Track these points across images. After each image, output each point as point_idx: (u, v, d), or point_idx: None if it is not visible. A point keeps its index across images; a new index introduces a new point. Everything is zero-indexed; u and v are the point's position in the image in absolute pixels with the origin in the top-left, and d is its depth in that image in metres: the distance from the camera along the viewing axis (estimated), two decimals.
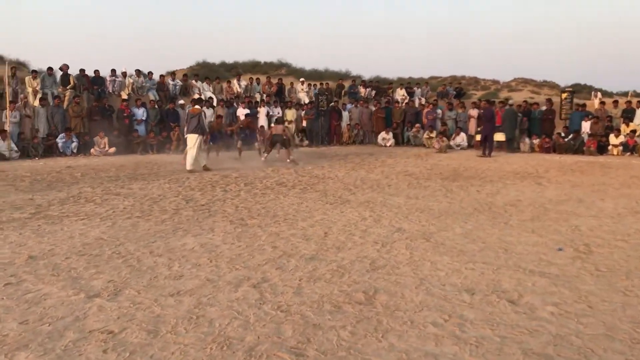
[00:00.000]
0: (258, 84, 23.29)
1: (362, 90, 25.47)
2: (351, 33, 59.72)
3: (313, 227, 6.78)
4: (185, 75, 22.62)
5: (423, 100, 24.73)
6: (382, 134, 21.87)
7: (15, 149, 15.79)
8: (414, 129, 21.91)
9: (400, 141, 22.30)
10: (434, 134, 20.66)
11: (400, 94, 25.01)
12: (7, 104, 15.91)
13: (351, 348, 3.30)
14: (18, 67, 21.36)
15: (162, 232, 6.48)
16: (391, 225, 6.88)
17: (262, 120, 20.41)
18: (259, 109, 20.97)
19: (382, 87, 26.78)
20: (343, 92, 25.10)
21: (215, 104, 20.27)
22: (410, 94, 25.26)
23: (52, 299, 4.17)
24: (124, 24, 50.65)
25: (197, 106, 13.28)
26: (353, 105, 23.16)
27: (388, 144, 21.56)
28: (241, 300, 4.15)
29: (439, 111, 22.40)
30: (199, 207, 8.12)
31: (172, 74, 21.67)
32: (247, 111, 20.35)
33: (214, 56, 42.49)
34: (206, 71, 28.71)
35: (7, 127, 15.82)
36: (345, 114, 22.61)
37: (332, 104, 22.50)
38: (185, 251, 5.61)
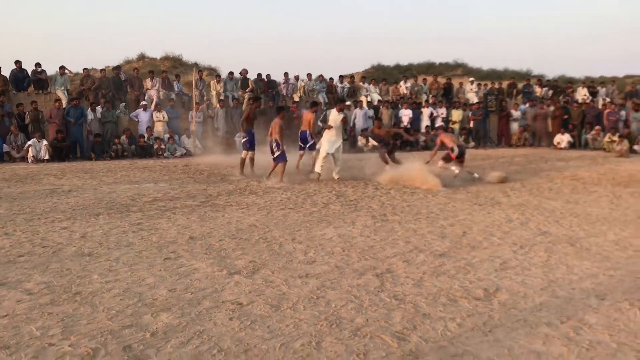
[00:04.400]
0: (425, 84, 23.22)
1: (537, 89, 24.12)
2: (533, 31, 56.54)
3: (453, 226, 6.75)
4: (351, 77, 23.33)
5: (607, 100, 22.71)
6: (558, 136, 20.52)
7: (199, 145, 17.63)
8: (593, 131, 20.22)
9: (577, 144, 20.73)
10: (616, 137, 18.89)
11: (581, 93, 23.24)
12: (194, 105, 17.84)
13: (454, 339, 3.34)
14: (210, 72, 23.83)
15: (307, 223, 6.93)
16: (537, 229, 6.59)
17: (425, 122, 20.36)
18: (422, 109, 20.93)
19: (560, 86, 25.09)
20: (515, 91, 23.98)
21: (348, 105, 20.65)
22: (594, 93, 23.34)
23: (199, 273, 4.76)
24: (301, 29, 53.51)
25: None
26: (527, 106, 22.02)
27: (563, 147, 20.18)
28: (361, 286, 4.36)
29: (623, 112, 20.41)
30: (347, 202, 8.47)
31: (341, 77, 22.46)
32: (410, 112, 20.44)
33: (388, 59, 42.96)
34: (380, 74, 29.14)
35: (193, 127, 17.74)
36: (516, 115, 21.60)
37: (502, 103, 21.63)
38: (324, 240, 5.96)
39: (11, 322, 3.65)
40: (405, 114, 20.33)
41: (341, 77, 22.39)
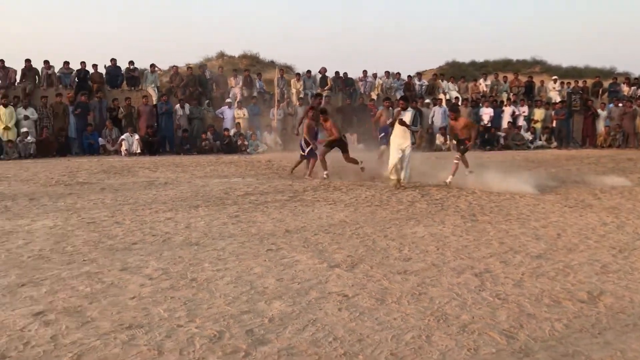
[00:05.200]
0: (505, 82, 22.71)
1: (625, 88, 23.09)
2: (617, 27, 53.76)
3: (545, 227, 6.69)
4: (435, 75, 23.14)
5: None
6: None
7: (280, 142, 18.07)
8: None
9: None
10: None
11: None
12: (275, 103, 18.29)
13: (563, 339, 3.40)
14: (286, 70, 24.31)
15: (396, 220, 7.06)
16: (635, 233, 6.43)
17: (506, 120, 19.97)
18: (504, 108, 20.51)
19: None
20: (601, 90, 23.04)
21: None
22: None
23: (302, 265, 5.00)
24: (375, 26, 53.32)
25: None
26: (613, 105, 21.13)
27: None
28: (462, 285, 4.46)
29: None
30: (433, 201, 8.53)
31: (419, 74, 22.36)
32: (491, 111, 20.09)
33: (463, 55, 42.10)
34: (455, 71, 28.65)
35: (274, 124, 18.21)
36: (602, 114, 20.77)
37: (587, 103, 20.86)
38: (416, 238, 6.08)
39: (139, 303, 4.00)
40: (486, 113, 19.99)
41: (419, 75, 22.28)
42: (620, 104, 20.82)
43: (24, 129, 15.48)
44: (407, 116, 9.85)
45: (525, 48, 57.94)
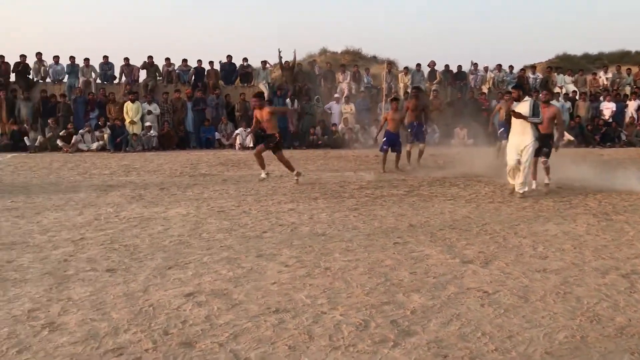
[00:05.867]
0: (629, 74, 21.21)
1: None
2: None
3: None
4: (549, 67, 22.07)
5: None
6: None
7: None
8: None
9: None
10: None
11: None
12: (383, 98, 18.24)
13: None
14: (389, 64, 24.16)
15: (523, 218, 6.80)
16: None
17: (629, 115, 18.67)
18: (627, 102, 19.18)
19: None
20: None
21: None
22: None
23: (432, 259, 4.94)
24: (482, 19, 51.55)
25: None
26: None
27: None
28: (609, 285, 4.22)
29: None
30: (559, 199, 8.12)
31: (533, 67, 21.42)
32: (613, 105, 18.86)
33: (575, 48, 39.72)
34: (567, 64, 27.12)
35: (381, 118, 18.17)
36: None
37: None
38: (548, 236, 5.82)
39: (281, 289, 4.12)
40: (607, 107, 18.82)
41: (533, 68, 21.34)
42: None
43: (148, 123, 16.48)
44: (524, 107, 7.99)
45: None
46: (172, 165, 12.46)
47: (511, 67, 20.81)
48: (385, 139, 11.31)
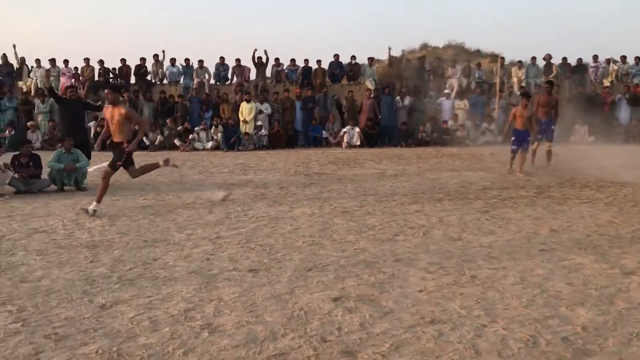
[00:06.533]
0: None
1: None
2: None
3: None
4: None
5: None
6: None
7: (498, 134, 17.25)
8: None
9: None
10: None
11: None
12: (497, 92, 17.52)
13: None
14: (492, 59, 23.17)
15: None
16: None
17: None
18: None
19: None
20: None
21: None
22: None
23: (587, 269, 4.55)
24: (595, 6, 48.17)
25: None
26: None
27: None
28: None
29: None
30: None
31: None
32: None
33: None
34: None
35: (495, 114, 17.46)
36: None
37: None
38: None
39: (430, 297, 3.94)
40: None
41: None
42: None
43: (259, 123, 16.83)
44: None
45: None
46: (284, 164, 12.61)
47: (637, 59, 19.27)
48: (513, 138, 10.46)
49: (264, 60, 18.71)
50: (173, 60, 19.13)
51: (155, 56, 19.00)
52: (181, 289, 4.16)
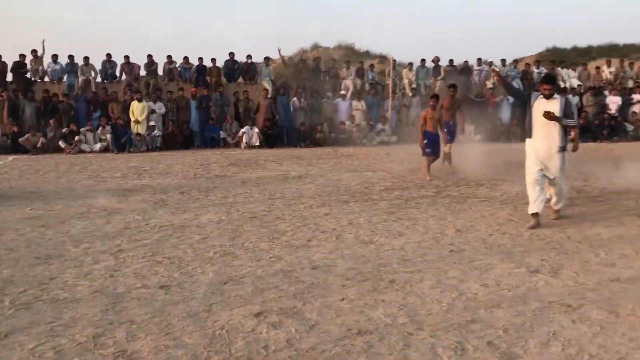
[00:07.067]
0: (631, 68, 21.15)
1: None
2: None
3: None
4: (552, 61, 21.95)
5: None
6: None
7: (392, 134, 17.77)
8: None
9: None
10: None
11: None
12: (390, 94, 18.03)
13: None
14: (381, 60, 23.96)
15: (569, 221, 6.59)
16: None
17: (636, 108, 18.59)
18: (633, 96, 19.10)
19: None
20: None
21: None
22: None
23: (497, 269, 4.72)
24: (468, 13, 51.38)
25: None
26: None
27: None
28: None
29: None
30: (593, 199, 7.95)
31: (537, 62, 21.29)
32: (619, 99, 18.78)
33: (564, 41, 39.66)
34: (556, 57, 26.90)
35: (388, 115, 17.96)
36: None
37: None
38: (603, 240, 5.63)
39: (353, 306, 3.88)
40: (614, 101, 18.70)
41: (537, 63, 21.24)
42: None
43: (152, 123, 16.11)
44: (554, 105, 6.24)
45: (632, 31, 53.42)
46: (182, 167, 12.14)
47: (515, 62, 20.68)
48: (426, 141, 10.14)
49: (39, 53, 17.55)
50: (55, 57, 17.80)
51: (34, 52, 17.57)
52: (86, 312, 3.80)
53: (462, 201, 7.84)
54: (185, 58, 18.66)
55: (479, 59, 20.43)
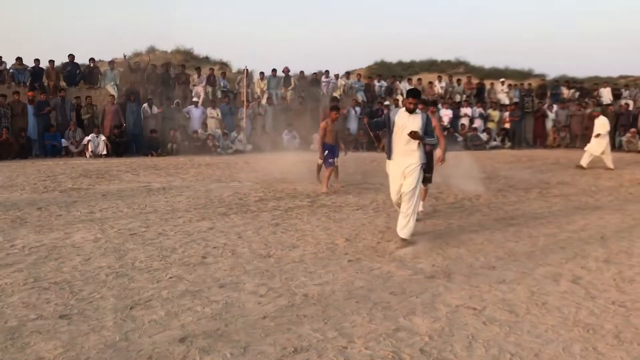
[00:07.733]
0: (459, 84, 23.45)
1: (565, 91, 24.42)
2: (533, 30, 57.16)
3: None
4: (393, 76, 23.52)
5: (631, 103, 23.03)
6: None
7: (247, 142, 17.77)
8: (628, 134, 20.58)
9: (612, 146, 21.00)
10: None
11: (606, 95, 23.57)
12: (244, 103, 18.00)
13: None
14: (221, 66, 23.93)
15: (447, 229, 7.14)
16: None
17: (464, 120, 20.60)
18: (461, 109, 21.18)
19: (586, 88, 25.39)
20: (548, 93, 24.21)
21: None
22: (617, 95, 23.72)
23: (396, 276, 4.97)
24: (305, 26, 53.50)
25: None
26: (559, 107, 22.33)
27: None
28: (570, 292, 4.60)
29: None
30: (493, 208, 8.68)
31: (379, 76, 22.72)
32: (450, 112, 20.71)
33: (390, 55, 43.06)
34: (384, 70, 29.03)
35: (242, 123, 17.91)
36: (551, 116, 21.92)
37: (539, 105, 21.94)
38: (477, 245, 6.18)
39: (279, 323, 3.84)
40: (445, 114, 20.55)
41: (379, 76, 22.63)
42: (563, 107, 22.03)
43: None
44: (415, 120, 6.21)
45: (447, 49, 59.39)
46: (26, 179, 11.00)
47: (359, 75, 21.83)
48: (327, 152, 9.99)
49: None
50: None
51: None
52: None
53: (338, 210, 8.10)
54: (19, 59, 16.94)
55: (327, 71, 21.23)
